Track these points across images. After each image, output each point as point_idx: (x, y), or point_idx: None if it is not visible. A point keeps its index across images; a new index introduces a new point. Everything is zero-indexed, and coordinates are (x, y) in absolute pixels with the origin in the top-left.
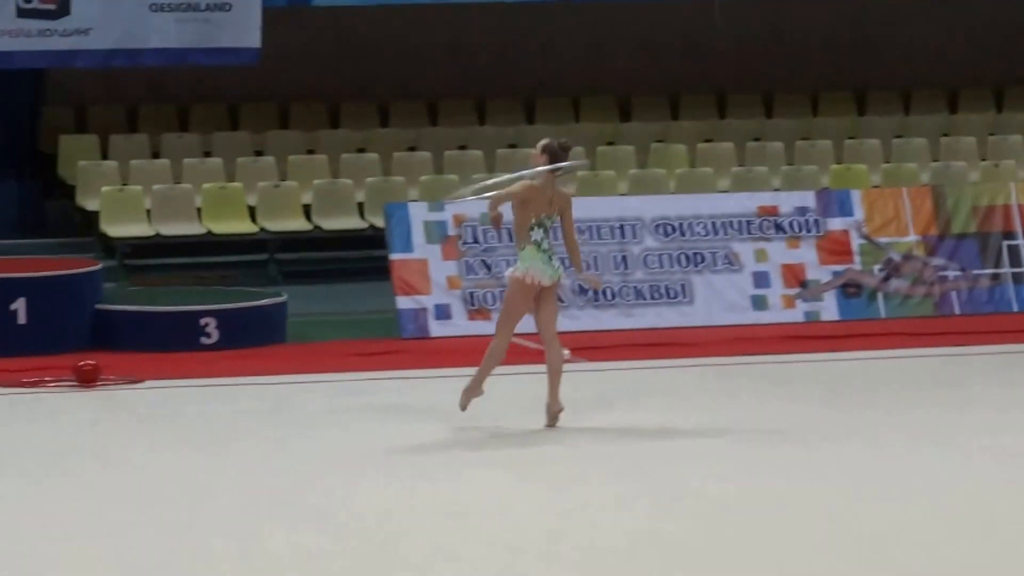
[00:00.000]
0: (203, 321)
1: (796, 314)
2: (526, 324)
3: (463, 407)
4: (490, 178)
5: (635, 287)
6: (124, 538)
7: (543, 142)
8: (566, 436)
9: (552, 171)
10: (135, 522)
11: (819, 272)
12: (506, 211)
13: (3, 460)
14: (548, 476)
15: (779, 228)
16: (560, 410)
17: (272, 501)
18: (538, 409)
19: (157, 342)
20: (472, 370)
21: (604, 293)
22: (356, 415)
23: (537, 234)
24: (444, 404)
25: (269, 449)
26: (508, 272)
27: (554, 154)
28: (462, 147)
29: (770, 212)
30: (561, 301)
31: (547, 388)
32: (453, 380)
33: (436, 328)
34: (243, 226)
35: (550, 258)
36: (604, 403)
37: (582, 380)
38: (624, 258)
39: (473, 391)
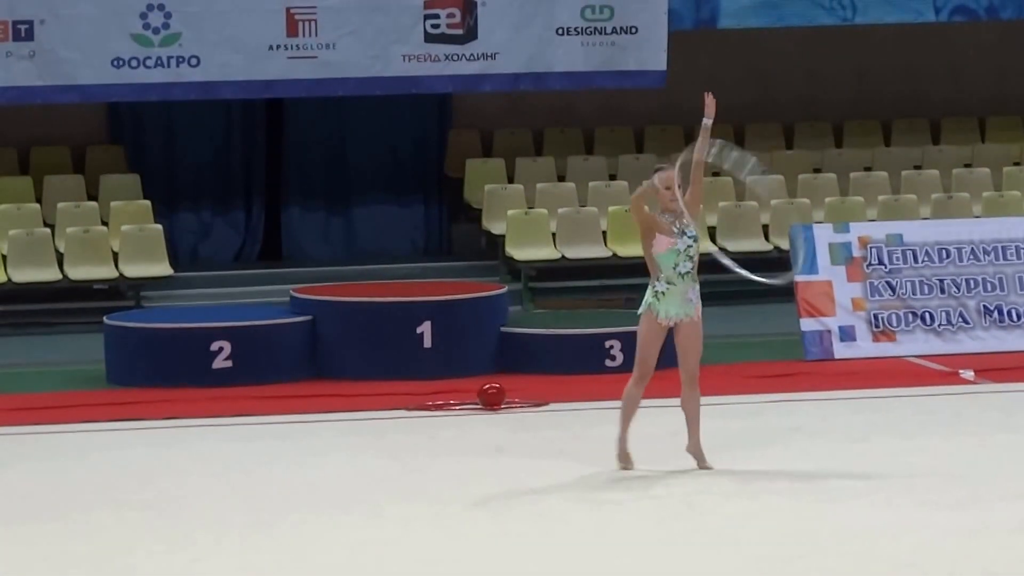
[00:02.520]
0: (608, 344)
1: None
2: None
3: (623, 466)
4: None
5: None
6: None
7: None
8: (964, 455)
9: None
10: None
11: None
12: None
13: (408, 483)
14: (947, 499)
15: None
16: (701, 454)
17: (678, 517)
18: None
19: (562, 365)
20: (874, 392)
21: (1010, 314)
22: (749, 439)
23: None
24: (844, 426)
25: (677, 471)
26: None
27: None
28: (867, 168)
29: None
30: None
31: (687, 432)
32: (856, 402)
33: (840, 350)
34: None
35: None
36: (1008, 425)
37: (986, 401)
38: None
39: (622, 451)
